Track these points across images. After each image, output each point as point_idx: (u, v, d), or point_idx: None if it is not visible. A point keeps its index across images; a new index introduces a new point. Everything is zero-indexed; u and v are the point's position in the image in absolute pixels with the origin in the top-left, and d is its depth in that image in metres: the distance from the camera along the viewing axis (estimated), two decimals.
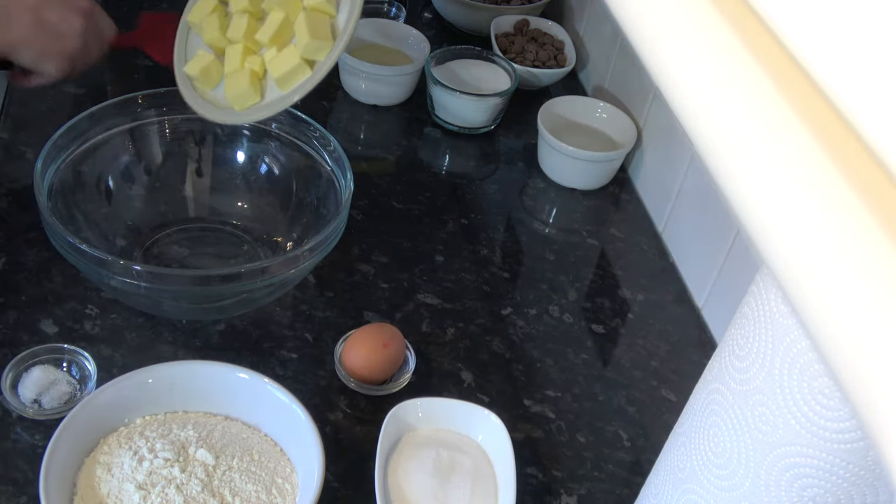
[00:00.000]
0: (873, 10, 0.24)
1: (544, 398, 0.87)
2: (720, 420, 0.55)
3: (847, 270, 0.23)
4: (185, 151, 0.96)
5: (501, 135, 1.22)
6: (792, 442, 0.49)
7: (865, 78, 0.24)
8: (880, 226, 0.23)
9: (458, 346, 0.91)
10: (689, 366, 0.92)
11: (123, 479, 0.70)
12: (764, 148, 0.26)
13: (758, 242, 0.26)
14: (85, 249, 0.77)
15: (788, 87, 0.27)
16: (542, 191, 1.14)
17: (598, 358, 0.92)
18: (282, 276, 0.81)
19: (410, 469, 0.75)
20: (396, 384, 0.84)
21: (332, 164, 0.92)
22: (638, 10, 0.33)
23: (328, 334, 0.89)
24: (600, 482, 0.81)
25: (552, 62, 1.28)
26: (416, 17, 1.41)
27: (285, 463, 0.75)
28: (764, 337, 0.50)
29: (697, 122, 0.29)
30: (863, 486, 0.49)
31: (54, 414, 0.77)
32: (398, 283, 0.96)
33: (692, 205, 1.02)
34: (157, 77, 0.91)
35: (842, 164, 0.24)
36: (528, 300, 0.97)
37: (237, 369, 0.78)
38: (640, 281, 1.02)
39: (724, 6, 0.30)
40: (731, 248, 0.93)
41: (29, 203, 0.82)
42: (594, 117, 1.18)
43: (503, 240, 1.06)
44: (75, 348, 0.81)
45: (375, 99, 1.21)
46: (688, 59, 0.30)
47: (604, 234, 1.09)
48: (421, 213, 1.07)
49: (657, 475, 0.65)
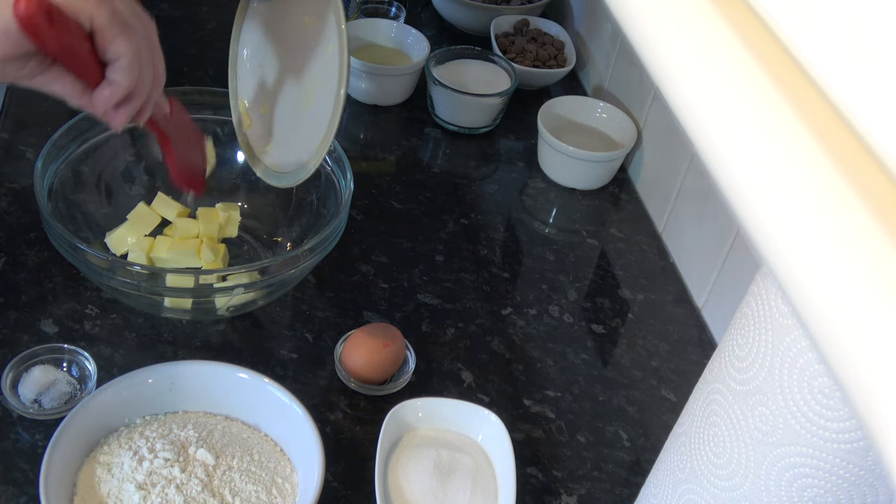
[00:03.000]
0: (873, 10, 0.24)
1: (544, 398, 0.87)
2: (720, 420, 0.55)
3: (847, 270, 0.23)
4: None
5: (501, 135, 1.22)
6: (792, 442, 0.49)
7: (866, 78, 0.24)
8: (880, 226, 0.23)
9: (458, 346, 0.91)
10: (689, 366, 0.92)
11: (123, 479, 0.70)
12: (764, 148, 0.26)
13: (758, 242, 0.26)
14: (85, 249, 0.77)
15: (789, 86, 0.27)
16: (542, 191, 1.14)
17: (598, 358, 0.92)
18: (282, 276, 0.81)
19: (410, 469, 0.75)
20: (396, 384, 0.84)
21: (332, 164, 0.92)
22: (638, 10, 0.33)
23: (328, 334, 0.89)
24: (600, 482, 0.81)
25: (552, 62, 1.28)
26: (416, 17, 1.41)
27: (285, 463, 0.75)
28: (764, 337, 0.50)
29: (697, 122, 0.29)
30: (863, 486, 0.49)
31: (54, 414, 0.77)
32: (398, 283, 0.96)
33: (692, 205, 1.02)
34: None
35: (842, 164, 0.24)
36: (528, 300, 0.97)
37: (237, 369, 0.78)
38: (640, 281, 1.02)
39: (724, 6, 0.30)
40: (731, 248, 0.93)
41: (29, 203, 0.83)
42: (594, 117, 1.18)
43: (503, 240, 1.06)
44: (75, 348, 0.81)
45: (375, 99, 1.21)
46: (688, 59, 0.30)
47: (604, 234, 1.09)
48: (421, 213, 1.07)
49: (657, 475, 0.65)
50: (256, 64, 0.90)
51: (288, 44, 0.86)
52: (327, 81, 0.80)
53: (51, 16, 0.59)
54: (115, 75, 0.64)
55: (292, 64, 0.86)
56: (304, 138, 0.84)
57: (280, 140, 0.89)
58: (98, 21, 0.62)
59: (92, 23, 0.62)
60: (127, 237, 0.89)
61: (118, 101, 0.66)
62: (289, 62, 0.87)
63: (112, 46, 0.63)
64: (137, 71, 0.65)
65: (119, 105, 0.66)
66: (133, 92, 0.66)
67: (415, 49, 1.24)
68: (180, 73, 1.18)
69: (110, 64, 0.64)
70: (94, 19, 0.62)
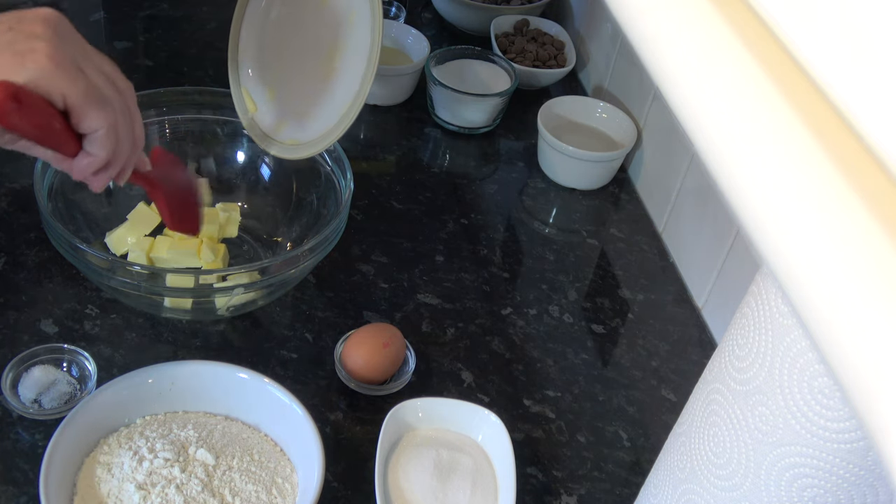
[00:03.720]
0: (873, 10, 0.24)
1: (544, 398, 0.87)
2: (720, 420, 0.55)
3: (847, 270, 0.23)
4: (185, 151, 0.96)
5: (501, 135, 1.22)
6: (792, 442, 0.49)
7: (866, 78, 0.24)
8: (880, 226, 0.23)
9: (458, 346, 0.91)
10: (689, 366, 0.92)
11: (123, 479, 0.70)
12: (764, 147, 0.26)
13: (758, 242, 0.26)
14: (85, 249, 0.77)
15: (788, 86, 0.27)
16: (542, 191, 1.14)
17: (598, 358, 0.92)
18: (282, 276, 0.81)
19: (410, 469, 0.75)
20: (396, 384, 0.84)
21: (332, 164, 0.92)
22: (638, 10, 0.33)
23: (328, 334, 0.89)
24: (600, 482, 0.81)
25: (552, 62, 1.28)
26: (416, 17, 1.41)
27: (285, 463, 0.75)
28: (764, 337, 0.50)
29: (697, 121, 0.29)
30: (863, 486, 0.49)
31: (54, 414, 0.77)
32: (398, 283, 0.96)
33: (692, 205, 1.02)
34: (157, 77, 0.91)
35: (842, 164, 0.24)
36: (528, 300, 0.97)
37: (237, 369, 0.78)
38: (640, 281, 1.02)
39: (724, 6, 0.30)
40: (731, 248, 0.93)
41: (29, 203, 0.83)
42: (594, 117, 1.18)
43: (503, 240, 1.06)
44: (75, 348, 0.81)
45: (375, 99, 1.21)
46: (688, 59, 0.30)
47: (604, 234, 1.09)
48: (421, 213, 1.07)
49: (657, 475, 0.65)
50: (258, 48, 0.91)
51: (296, 22, 0.88)
52: (353, 47, 0.84)
53: (19, 99, 0.58)
54: (92, 148, 0.65)
55: (303, 41, 0.88)
56: (325, 108, 0.86)
57: (295, 116, 0.90)
58: (71, 99, 0.61)
59: (65, 101, 0.61)
60: (127, 237, 0.90)
61: (96, 170, 0.66)
62: (299, 40, 0.88)
63: (86, 121, 0.63)
64: (114, 141, 0.65)
65: (98, 172, 0.67)
66: (111, 160, 0.66)
67: (415, 49, 1.24)
68: (180, 73, 1.18)
69: (86, 137, 0.64)
70: (67, 97, 0.61)
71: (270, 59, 0.92)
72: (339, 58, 0.86)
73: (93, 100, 0.62)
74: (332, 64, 0.86)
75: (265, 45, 0.92)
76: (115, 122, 0.65)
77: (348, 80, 0.85)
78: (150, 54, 1.22)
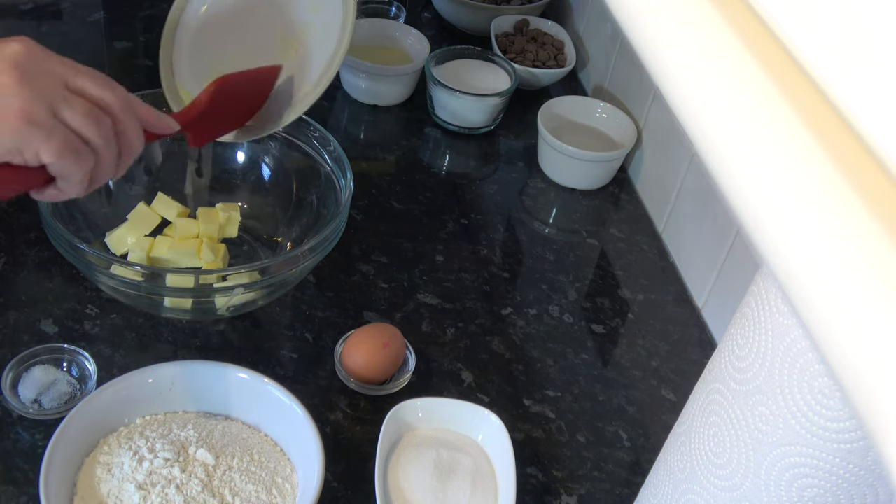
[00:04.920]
0: (873, 10, 0.24)
1: (544, 398, 0.87)
2: (720, 420, 0.55)
3: (847, 270, 0.23)
4: (185, 151, 0.96)
5: (501, 135, 1.22)
6: (792, 442, 0.49)
7: (866, 78, 0.24)
8: (880, 226, 0.23)
9: (458, 346, 0.91)
10: (689, 366, 0.92)
11: (123, 479, 0.70)
12: (764, 148, 0.26)
13: (758, 242, 0.26)
14: (85, 249, 0.77)
15: (788, 86, 0.27)
16: (542, 191, 1.14)
17: (598, 358, 0.92)
18: (282, 276, 0.81)
19: (410, 469, 0.75)
20: (396, 384, 0.84)
21: (332, 164, 0.92)
22: (638, 10, 0.33)
23: (328, 334, 0.89)
24: (600, 482, 0.81)
25: (552, 62, 1.28)
26: (416, 17, 1.41)
27: (285, 463, 0.75)
28: (764, 337, 0.50)
29: (697, 122, 0.29)
30: (863, 486, 0.49)
31: (54, 414, 0.77)
32: (398, 283, 0.96)
33: (692, 205, 1.02)
34: (157, 77, 0.91)
35: (842, 164, 0.24)
36: (528, 300, 0.97)
37: (237, 369, 0.78)
38: (640, 281, 1.02)
39: (724, 6, 0.30)
40: (731, 248, 0.93)
41: (29, 203, 0.82)
42: (594, 117, 1.18)
43: (503, 240, 1.06)
44: (75, 348, 0.81)
45: (375, 99, 1.21)
46: (688, 59, 0.30)
47: (604, 234, 1.09)
48: (421, 213, 1.07)
49: (657, 475, 0.65)
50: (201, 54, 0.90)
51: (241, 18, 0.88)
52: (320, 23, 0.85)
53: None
54: (64, 186, 0.62)
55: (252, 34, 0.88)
56: (286, 87, 0.86)
57: None
58: (45, 157, 0.58)
59: (39, 158, 0.58)
60: (127, 237, 0.90)
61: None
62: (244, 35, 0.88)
63: (61, 172, 0.60)
64: (87, 183, 0.62)
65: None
66: (90, 185, 0.64)
67: (415, 49, 1.24)
68: None
69: (60, 180, 0.62)
70: (41, 154, 0.58)
71: (214, 57, 0.90)
72: (307, 36, 0.85)
73: (68, 152, 0.59)
74: (296, 43, 0.86)
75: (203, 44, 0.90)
76: (91, 167, 0.62)
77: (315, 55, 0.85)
78: (150, 54, 1.22)
